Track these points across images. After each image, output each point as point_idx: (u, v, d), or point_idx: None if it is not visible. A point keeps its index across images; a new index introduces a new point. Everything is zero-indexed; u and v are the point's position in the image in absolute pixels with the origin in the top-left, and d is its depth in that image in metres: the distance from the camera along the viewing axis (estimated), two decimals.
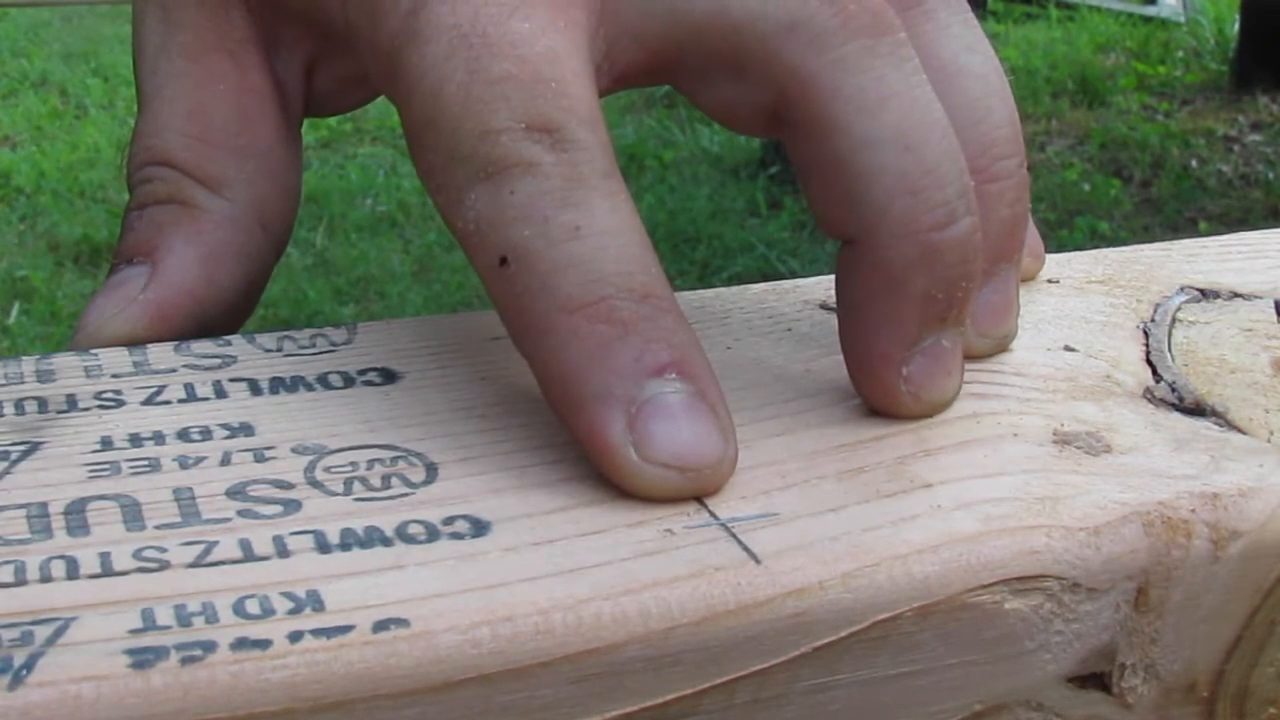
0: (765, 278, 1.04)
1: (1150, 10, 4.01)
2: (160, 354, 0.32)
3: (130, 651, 0.23)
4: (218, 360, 0.32)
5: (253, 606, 0.24)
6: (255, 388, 0.31)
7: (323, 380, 0.32)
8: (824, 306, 0.36)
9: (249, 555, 0.25)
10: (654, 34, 0.31)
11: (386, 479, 0.28)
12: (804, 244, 2.57)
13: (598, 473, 0.28)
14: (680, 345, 0.28)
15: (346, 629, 0.23)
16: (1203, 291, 0.37)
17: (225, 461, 0.28)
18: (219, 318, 0.35)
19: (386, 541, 0.26)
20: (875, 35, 0.30)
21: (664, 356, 0.28)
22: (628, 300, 0.28)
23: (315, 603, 0.24)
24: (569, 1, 0.30)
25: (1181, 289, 0.37)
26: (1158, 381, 0.33)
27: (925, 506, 0.27)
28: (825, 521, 0.27)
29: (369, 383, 0.32)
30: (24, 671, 0.22)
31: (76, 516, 0.26)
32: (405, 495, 0.27)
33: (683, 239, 2.56)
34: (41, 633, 0.23)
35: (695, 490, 0.27)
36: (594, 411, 0.28)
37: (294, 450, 0.29)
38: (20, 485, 0.27)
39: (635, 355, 0.28)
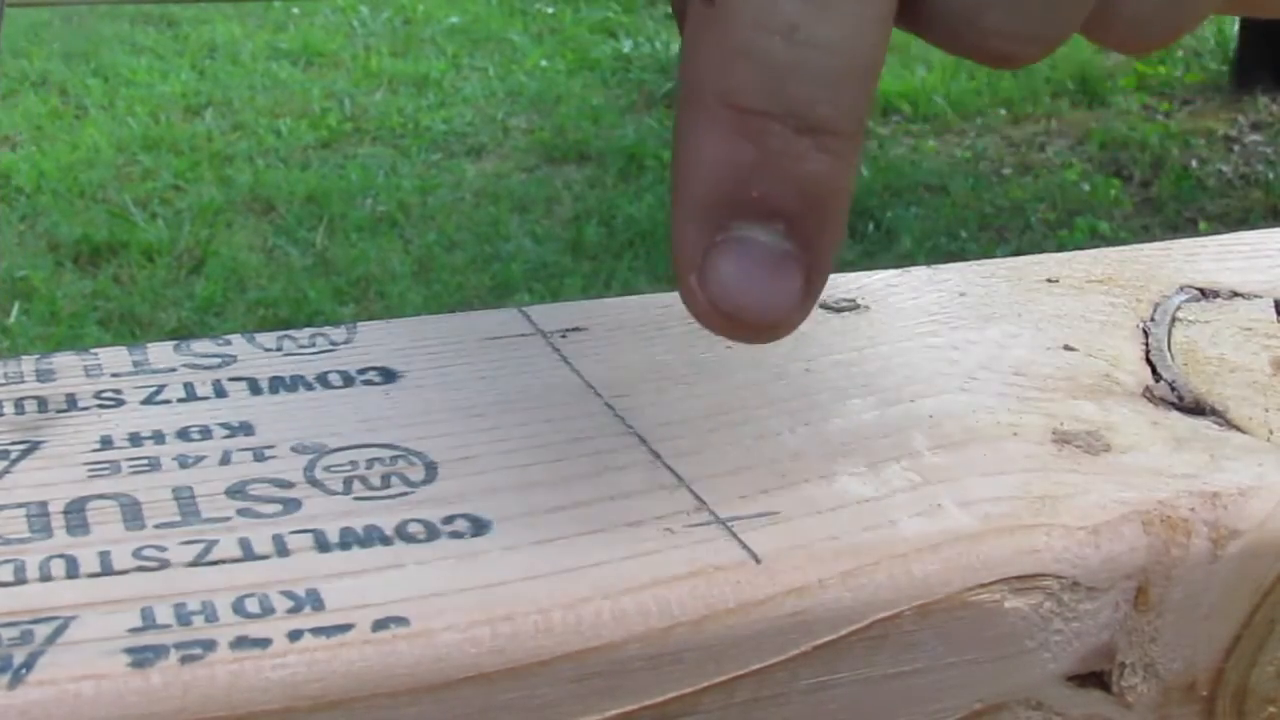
0: None
1: None
2: (160, 353, 0.32)
3: (130, 650, 0.23)
4: (217, 359, 0.32)
5: (252, 605, 0.24)
6: (255, 387, 0.31)
7: (322, 379, 0.32)
8: (824, 306, 0.36)
9: (249, 554, 0.25)
10: None
11: (386, 478, 0.28)
12: None
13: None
14: (813, 197, 0.25)
15: (346, 628, 0.23)
16: (1202, 291, 0.37)
17: (225, 461, 0.28)
18: None
19: (386, 540, 0.26)
20: None
21: (781, 204, 0.25)
22: (788, 129, 0.24)
23: (315, 602, 0.24)
24: None
25: (1181, 288, 0.37)
26: (1157, 380, 0.33)
27: (925, 506, 0.27)
28: (825, 521, 0.27)
29: (369, 382, 0.32)
30: (24, 670, 0.22)
31: (76, 515, 0.26)
32: (405, 494, 0.27)
33: None
34: (41, 631, 0.23)
35: (738, 338, 0.26)
36: (682, 221, 0.25)
37: (293, 449, 0.29)
38: (20, 484, 0.27)
39: (753, 189, 0.25)
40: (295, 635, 0.23)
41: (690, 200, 0.25)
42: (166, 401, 0.30)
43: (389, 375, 0.32)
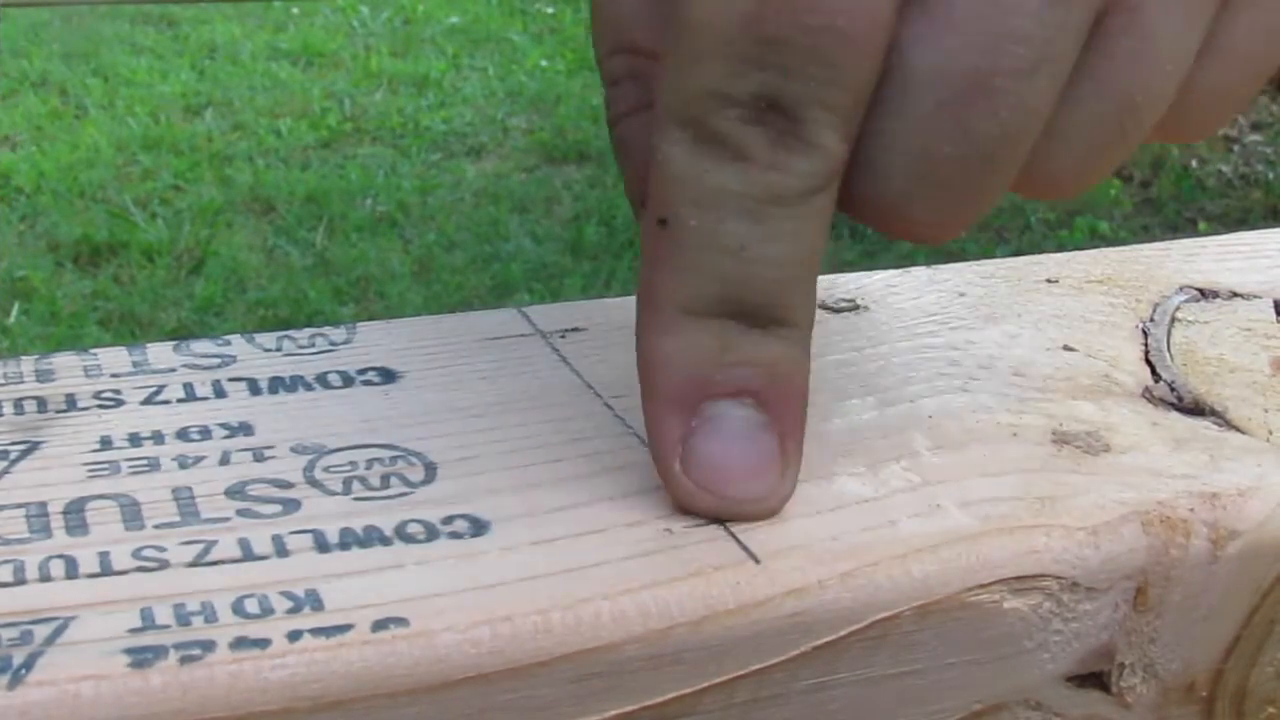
0: None
1: None
2: (159, 353, 0.32)
3: (129, 651, 0.23)
4: (217, 360, 0.32)
5: (252, 606, 0.24)
6: (254, 387, 0.31)
7: (322, 380, 0.32)
8: (823, 306, 0.36)
9: (248, 555, 0.25)
10: None
11: (385, 478, 0.28)
12: None
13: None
14: (775, 374, 0.27)
15: (345, 628, 0.23)
16: (1202, 291, 0.37)
17: (224, 461, 0.28)
18: None
19: (385, 541, 0.26)
20: None
21: (748, 381, 0.27)
22: (744, 323, 0.27)
23: (314, 602, 0.24)
24: None
25: (1181, 289, 0.37)
26: (1157, 381, 0.33)
27: (925, 506, 0.27)
28: (825, 521, 0.27)
29: (368, 382, 0.32)
30: (23, 670, 0.22)
31: (76, 516, 0.26)
32: (404, 495, 0.27)
33: None
34: (41, 632, 0.23)
35: (731, 516, 0.27)
36: (657, 411, 0.27)
37: (293, 450, 0.29)
38: (20, 485, 0.27)
39: (719, 374, 0.27)
40: (295, 636, 0.23)
41: (660, 396, 0.27)
42: (166, 402, 0.30)
43: (389, 375, 0.32)
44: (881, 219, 0.27)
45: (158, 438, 0.29)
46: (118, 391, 0.31)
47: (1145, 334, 0.35)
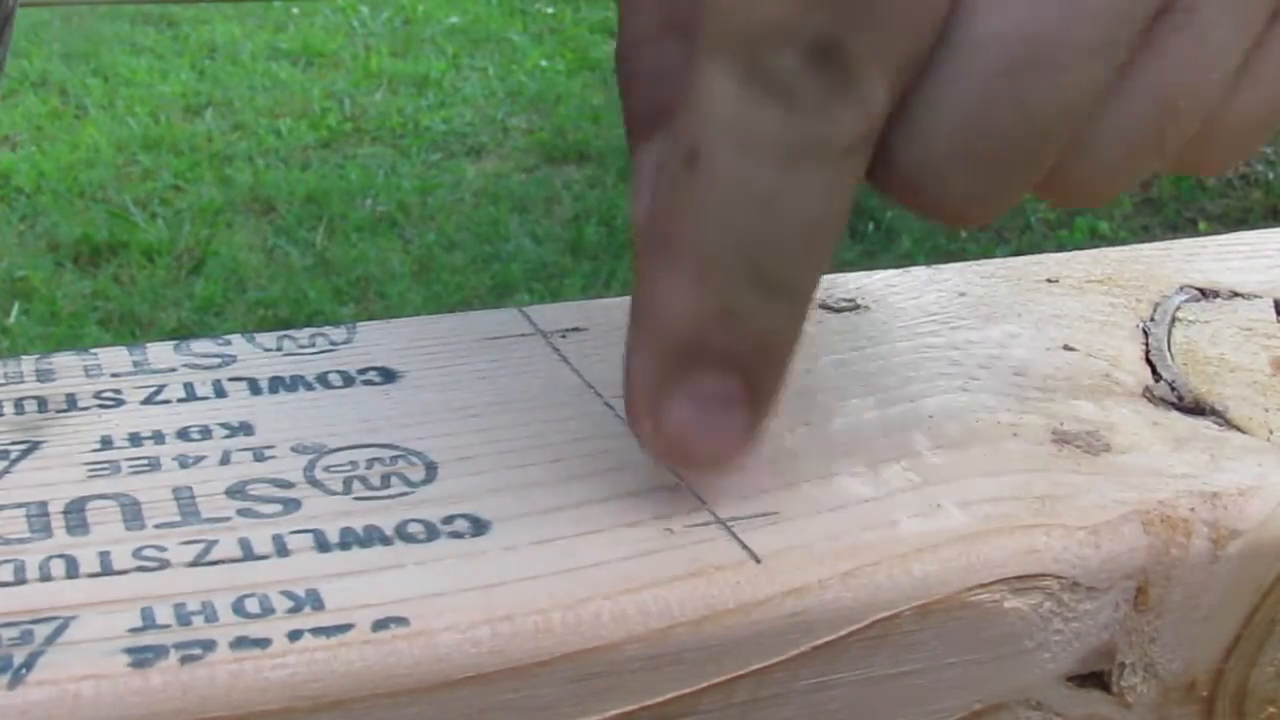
0: None
1: None
2: (160, 353, 0.32)
3: (130, 650, 0.23)
4: (217, 359, 0.32)
5: (252, 605, 0.24)
6: (255, 387, 0.31)
7: (322, 379, 0.32)
8: (823, 306, 0.36)
9: (248, 554, 0.25)
10: None
11: (386, 478, 0.28)
12: None
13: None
14: (768, 346, 0.26)
15: (346, 628, 0.23)
16: (1202, 291, 0.37)
17: (225, 461, 0.28)
18: None
19: (386, 541, 0.26)
20: None
21: (737, 355, 0.26)
22: (754, 286, 0.26)
23: (315, 602, 0.24)
24: None
25: (1181, 288, 0.37)
26: (1157, 380, 0.33)
27: (925, 506, 0.27)
28: (825, 521, 0.27)
29: (368, 382, 0.32)
30: (24, 670, 0.22)
31: (76, 515, 0.26)
32: (405, 494, 0.27)
33: None
34: (41, 631, 0.23)
35: (687, 471, 0.27)
36: (640, 365, 0.26)
37: (293, 449, 0.29)
38: (20, 484, 0.27)
39: (712, 340, 0.26)
40: (295, 635, 0.23)
41: (651, 345, 0.26)
42: (166, 401, 0.30)
43: (389, 375, 0.32)
44: (913, 191, 0.26)
45: (158, 437, 0.29)
46: (118, 391, 0.31)
47: (1146, 334, 0.35)
